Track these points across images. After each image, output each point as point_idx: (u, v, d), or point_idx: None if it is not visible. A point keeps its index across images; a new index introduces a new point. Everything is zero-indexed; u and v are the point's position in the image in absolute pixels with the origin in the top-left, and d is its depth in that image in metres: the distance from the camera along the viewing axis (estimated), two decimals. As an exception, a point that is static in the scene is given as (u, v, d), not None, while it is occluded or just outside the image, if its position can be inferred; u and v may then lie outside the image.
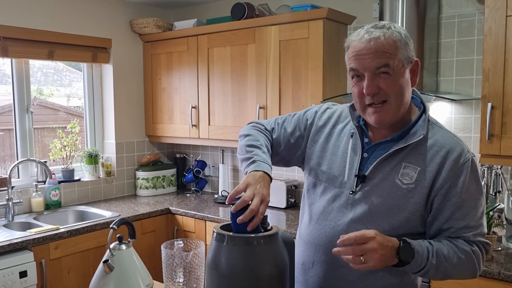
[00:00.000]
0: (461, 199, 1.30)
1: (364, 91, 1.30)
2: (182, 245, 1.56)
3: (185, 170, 3.99)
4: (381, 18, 2.68)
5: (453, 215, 1.31)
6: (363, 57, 1.28)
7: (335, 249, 1.23)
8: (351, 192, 1.38)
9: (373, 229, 1.23)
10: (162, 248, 1.53)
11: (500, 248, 2.34)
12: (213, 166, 3.93)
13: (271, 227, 1.38)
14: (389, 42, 1.27)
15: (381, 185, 1.34)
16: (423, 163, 1.31)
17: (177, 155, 4.09)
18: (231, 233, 1.32)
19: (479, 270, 1.35)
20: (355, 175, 1.38)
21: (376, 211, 1.33)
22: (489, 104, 2.23)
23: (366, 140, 1.40)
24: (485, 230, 1.36)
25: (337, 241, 1.21)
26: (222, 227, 1.38)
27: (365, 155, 1.39)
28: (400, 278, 1.37)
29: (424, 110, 1.38)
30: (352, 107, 1.44)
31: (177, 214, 3.31)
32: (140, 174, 3.79)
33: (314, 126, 1.52)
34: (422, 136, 1.32)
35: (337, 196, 1.41)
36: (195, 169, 3.82)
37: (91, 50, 3.50)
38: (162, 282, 1.86)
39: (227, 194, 3.46)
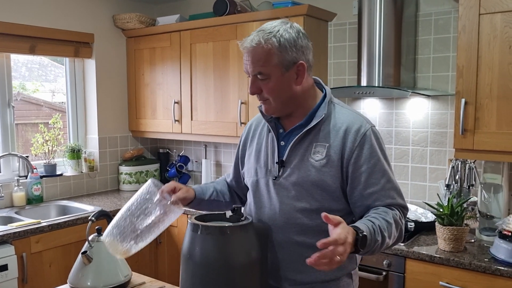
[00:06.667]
0: (371, 164, 1.44)
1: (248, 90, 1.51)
2: (168, 198, 1.49)
3: (168, 165, 4.01)
4: (359, 15, 2.73)
5: (369, 181, 1.43)
6: (246, 62, 1.47)
7: (312, 260, 1.18)
8: (274, 178, 1.52)
9: (345, 229, 1.22)
10: (150, 180, 1.51)
11: (473, 240, 2.41)
12: (196, 161, 3.95)
13: (245, 218, 1.42)
14: (265, 51, 1.42)
15: (299, 166, 1.48)
16: (330, 139, 1.47)
17: (160, 150, 4.11)
18: (205, 223, 1.36)
19: (401, 233, 1.46)
20: (276, 162, 1.52)
21: (299, 190, 1.46)
22: (463, 100, 2.29)
23: (281, 130, 1.57)
24: (400, 190, 1.49)
25: (318, 244, 1.18)
26: (197, 218, 1.42)
27: (282, 143, 1.55)
28: None
29: (325, 95, 1.54)
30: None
31: (160, 209, 3.33)
32: (123, 169, 3.80)
33: (241, 144, 1.73)
34: (323, 115, 1.48)
35: (266, 185, 1.55)
36: (178, 164, 3.84)
37: (73, 45, 3.49)
38: (143, 274, 1.90)
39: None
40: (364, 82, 2.73)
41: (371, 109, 2.97)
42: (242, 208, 1.46)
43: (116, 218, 1.48)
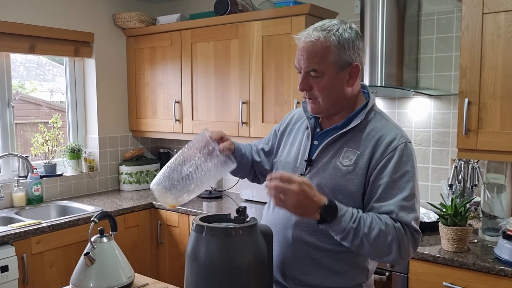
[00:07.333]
0: (392, 179, 1.39)
1: (298, 86, 1.47)
2: (216, 146, 1.48)
3: (168, 165, 3.99)
4: (362, 15, 2.72)
5: (384, 194, 1.38)
6: (300, 57, 1.44)
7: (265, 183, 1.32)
8: (299, 175, 1.48)
9: (308, 180, 1.30)
10: (204, 132, 1.49)
11: (476, 240, 2.40)
12: (196, 161, 3.93)
13: (250, 219, 1.41)
14: (323, 47, 1.39)
15: (325, 167, 1.47)
16: (362, 147, 1.44)
17: (161, 150, 4.09)
18: (210, 224, 1.34)
19: (401, 253, 1.35)
20: (305, 160, 1.51)
21: (321, 190, 1.42)
22: (466, 100, 2.28)
23: (317, 129, 1.56)
24: (417, 215, 1.40)
25: (267, 176, 1.31)
26: (201, 219, 1.40)
27: (316, 142, 1.53)
28: (349, 260, 1.47)
29: (368, 102, 1.51)
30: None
31: (161, 209, 3.32)
32: (124, 169, 3.78)
33: (280, 131, 1.71)
34: (360, 121, 1.46)
35: None
36: (179, 164, 3.82)
37: (73, 44, 3.48)
38: (144, 275, 1.88)
39: (210, 188, 3.51)
40: (366, 82, 2.72)
41: (373, 108, 2.96)
42: (247, 209, 1.44)
43: (168, 167, 1.44)
